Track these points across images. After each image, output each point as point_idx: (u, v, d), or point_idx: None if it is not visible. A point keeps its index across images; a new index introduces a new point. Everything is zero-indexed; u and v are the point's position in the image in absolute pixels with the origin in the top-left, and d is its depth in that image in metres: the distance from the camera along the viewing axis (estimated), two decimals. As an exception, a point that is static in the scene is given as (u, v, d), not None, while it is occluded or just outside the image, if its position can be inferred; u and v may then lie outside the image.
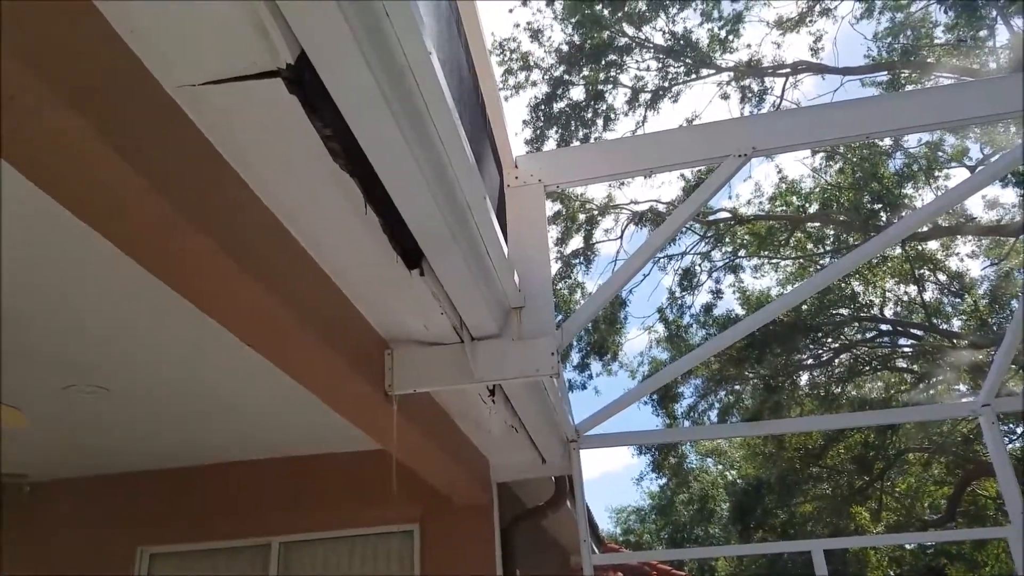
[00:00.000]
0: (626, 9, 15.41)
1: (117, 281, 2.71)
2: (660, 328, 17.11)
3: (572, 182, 3.60)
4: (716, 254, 16.28)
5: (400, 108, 1.88)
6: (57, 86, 1.42)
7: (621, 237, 16.66)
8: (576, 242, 16.87)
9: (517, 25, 16.74)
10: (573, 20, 15.73)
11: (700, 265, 16.15)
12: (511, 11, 16.57)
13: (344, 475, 5.15)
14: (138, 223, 1.84)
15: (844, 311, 15.40)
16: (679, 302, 16.34)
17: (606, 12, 15.50)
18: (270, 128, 1.92)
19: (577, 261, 16.65)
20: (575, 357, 16.68)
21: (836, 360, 15.98)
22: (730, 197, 16.06)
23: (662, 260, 16.42)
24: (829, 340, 15.78)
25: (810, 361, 16.09)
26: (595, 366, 16.76)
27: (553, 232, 16.66)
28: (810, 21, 15.09)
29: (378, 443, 3.46)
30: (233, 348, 2.57)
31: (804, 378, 16.50)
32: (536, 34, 16.23)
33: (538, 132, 16.45)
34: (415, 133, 1.99)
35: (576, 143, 16.38)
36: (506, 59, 16.44)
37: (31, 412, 3.35)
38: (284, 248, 2.35)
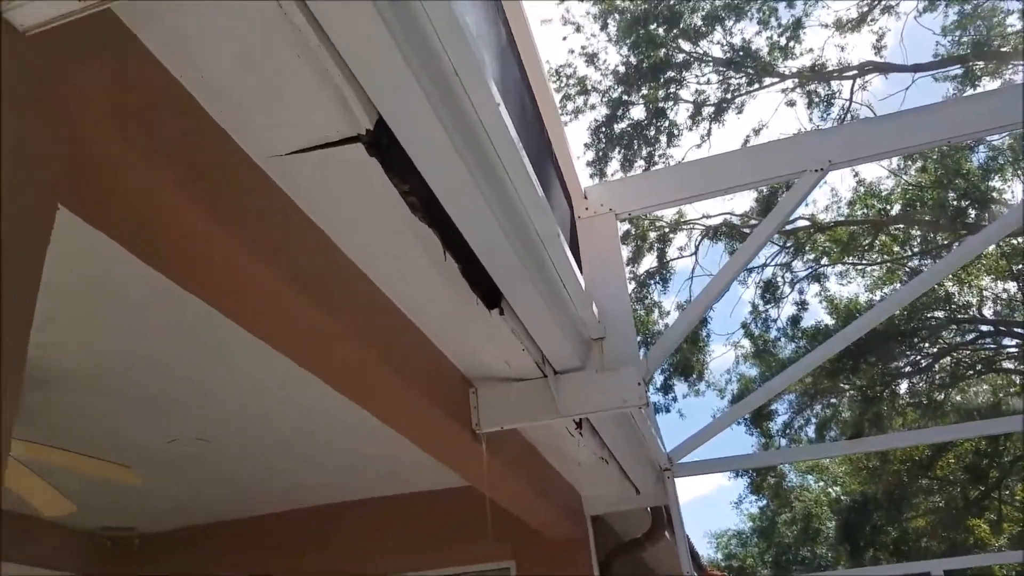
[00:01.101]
0: (682, 26, 15.35)
1: (216, 340, 2.86)
2: (746, 343, 16.70)
3: (643, 208, 3.61)
4: (798, 264, 15.83)
5: (472, 159, 1.95)
6: (167, 172, 1.54)
7: (696, 253, 16.42)
8: (649, 261, 16.72)
9: (572, 51, 16.86)
10: (628, 41, 15.76)
11: (782, 276, 15.73)
12: (565, 38, 16.76)
13: (439, 513, 5.19)
14: (246, 292, 1.97)
15: (940, 313, 14.67)
16: (763, 315, 15.92)
17: (661, 30, 15.48)
18: (352, 189, 2.02)
19: (652, 281, 16.46)
20: (658, 379, 16.41)
21: (936, 365, 15.20)
22: (807, 204, 15.63)
23: (742, 273, 16.06)
24: (927, 345, 15.03)
25: (908, 368, 15.35)
26: (680, 387, 16.45)
27: (624, 252, 16.55)
28: (871, 20, 14.67)
29: (469, 481, 3.50)
30: (327, 395, 2.68)
31: (904, 386, 15.75)
32: (591, 58, 16.33)
33: (600, 154, 16.46)
34: (488, 181, 2.05)
35: (640, 162, 16.33)
36: (563, 85, 16.57)
37: (140, 467, 3.54)
38: (370, 299, 2.44)
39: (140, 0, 1.19)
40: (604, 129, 16.48)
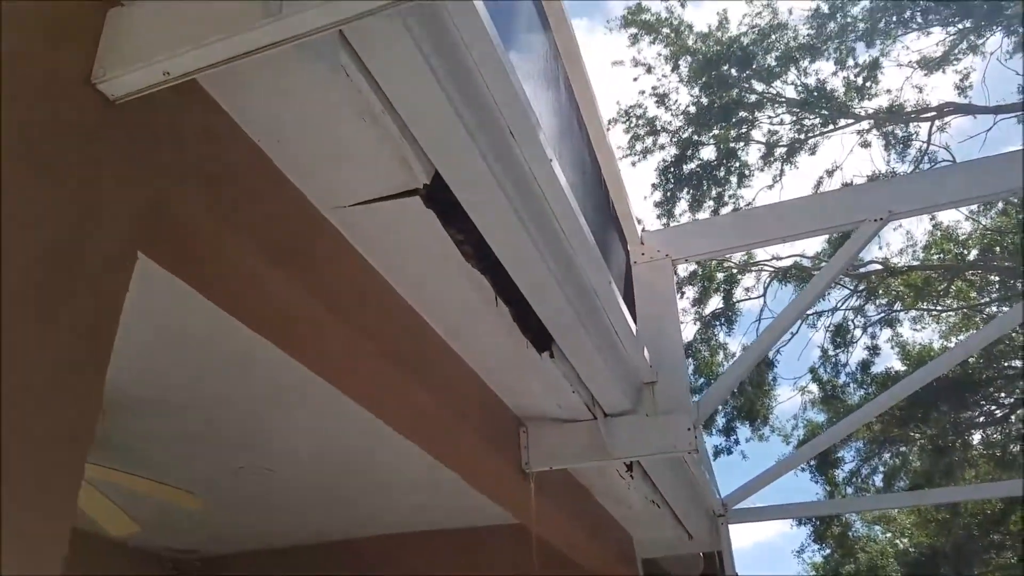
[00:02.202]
0: (755, 66, 15.27)
1: (283, 380, 3.02)
2: (814, 388, 16.20)
3: (700, 256, 3.64)
4: (870, 308, 15.34)
5: (525, 211, 2.05)
6: (242, 226, 1.68)
7: (764, 295, 16.11)
8: (715, 302, 16.49)
9: (642, 92, 16.94)
10: (700, 82, 15.76)
11: (853, 320, 15.26)
12: (635, 79, 16.84)
13: (493, 549, 5.21)
14: (320, 344, 2.11)
15: (1017, 363, 13.95)
16: (832, 360, 15.44)
17: (733, 71, 15.43)
18: (410, 237, 2.13)
19: (717, 322, 16.21)
20: (720, 421, 16.06)
21: (1012, 416, 14.41)
22: (880, 247, 15.16)
23: (811, 316, 15.66)
24: (1002, 395, 14.29)
25: (982, 419, 14.60)
26: (743, 431, 16.05)
27: (690, 292, 16.38)
28: (955, 59, 14.29)
29: (518, 518, 3.54)
30: (385, 433, 2.78)
31: (977, 437, 14.97)
32: (662, 98, 16.37)
33: (668, 194, 16.40)
34: (540, 230, 2.15)
35: (709, 203, 16.20)
36: (632, 126, 16.65)
37: (207, 492, 3.71)
38: (427, 341, 2.55)
39: (221, 69, 1.32)
40: (672, 170, 16.44)
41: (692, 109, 16.25)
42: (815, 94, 15.06)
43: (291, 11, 1.26)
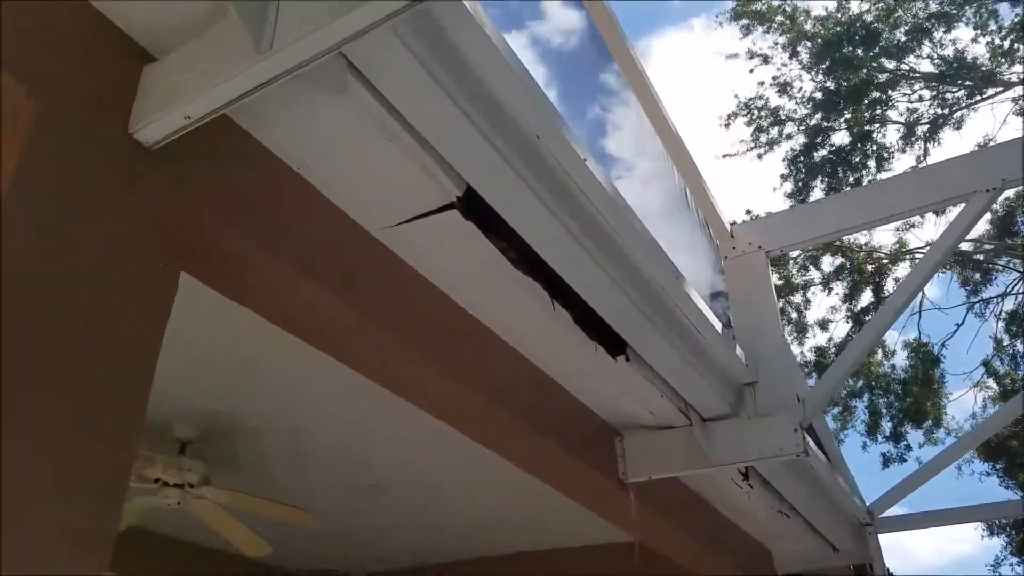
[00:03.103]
0: (882, 43, 14.29)
1: (374, 401, 3.15)
2: (992, 384, 14.66)
3: (795, 244, 3.44)
4: (1049, 290, 13.72)
5: (566, 213, 2.05)
6: (294, 253, 1.80)
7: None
8: (868, 297, 15.36)
9: (762, 83, 16.25)
10: (823, 66, 14.93)
11: (1030, 305, 13.71)
12: (752, 71, 16.18)
13: (613, 565, 5.10)
14: (391, 369, 2.24)
15: None
16: (1010, 351, 13.93)
17: (859, 51, 14.51)
18: (462, 251, 2.16)
19: (870, 318, 15.08)
20: (886, 427, 14.87)
21: None
22: (1053, 219, 13.53)
23: (978, 305, 14.24)
24: None
25: None
26: (914, 436, 14.75)
27: (839, 288, 15.39)
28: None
29: (622, 529, 3.46)
30: (478, 452, 2.84)
31: None
32: (784, 87, 15.64)
33: (800, 184, 15.57)
34: (586, 232, 2.13)
35: (847, 189, 15.22)
36: (754, 118, 15.98)
37: (323, 512, 3.93)
38: (498, 354, 2.58)
39: (245, 102, 1.43)
40: (802, 158, 15.63)
41: (818, 95, 15.40)
42: (955, 65, 13.84)
43: (281, 45, 1.34)
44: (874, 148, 15.06)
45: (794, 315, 15.76)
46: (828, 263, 15.50)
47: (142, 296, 1.45)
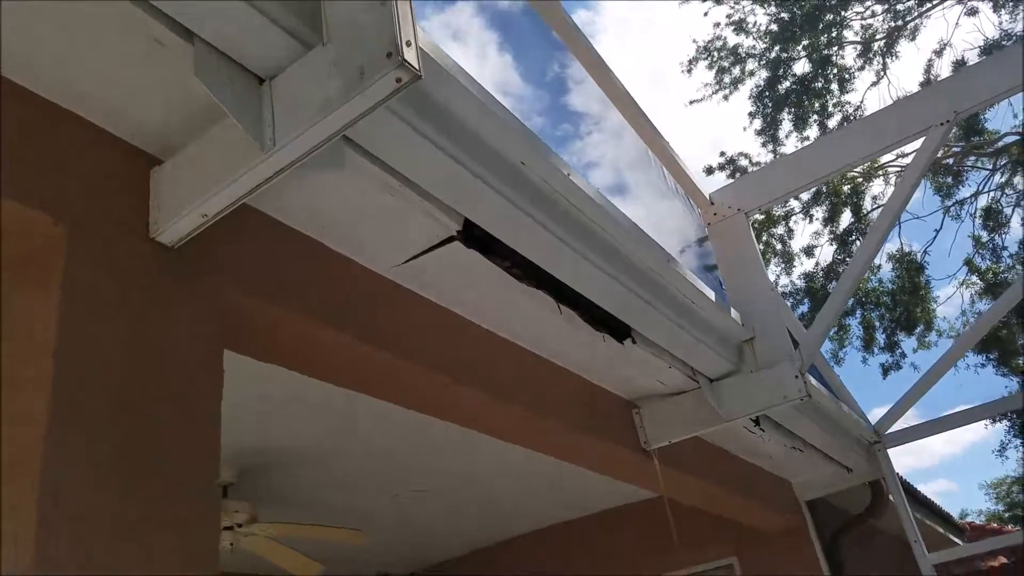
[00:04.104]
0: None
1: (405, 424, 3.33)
2: (976, 280, 15.00)
3: (772, 202, 3.60)
4: (1019, 180, 13.99)
5: (557, 225, 2.21)
6: (314, 306, 1.94)
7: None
8: (848, 218, 15.59)
9: (717, 24, 16.27)
10: (774, -1, 14.98)
11: (1002, 200, 13.98)
12: (706, 14, 16.21)
13: (644, 523, 5.35)
14: (418, 393, 2.40)
15: None
16: (988, 246, 14.24)
17: (806, -24, 14.55)
18: (468, 275, 2.30)
19: (853, 238, 15.36)
20: (880, 339, 15.21)
21: None
22: (1016, 115, 13.72)
23: (952, 208, 14.52)
24: None
25: None
26: (908, 343, 15.11)
27: (819, 213, 15.62)
28: None
29: (656, 492, 3.67)
30: (504, 447, 3.03)
31: None
32: (739, 25, 15.68)
33: (768, 119, 15.70)
34: (577, 237, 2.29)
35: (814, 116, 15.37)
36: (715, 60, 16.03)
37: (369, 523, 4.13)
38: (520, 361, 2.75)
39: (263, 190, 1.56)
40: (768, 93, 15.73)
41: (774, 27, 15.46)
42: (900, -27, 13.92)
43: (282, 142, 1.46)
44: (835, 72, 15.18)
45: (779, 246, 16.03)
46: (806, 192, 15.72)
47: (199, 376, 1.60)
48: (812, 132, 15.47)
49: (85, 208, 1.51)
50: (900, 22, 14.52)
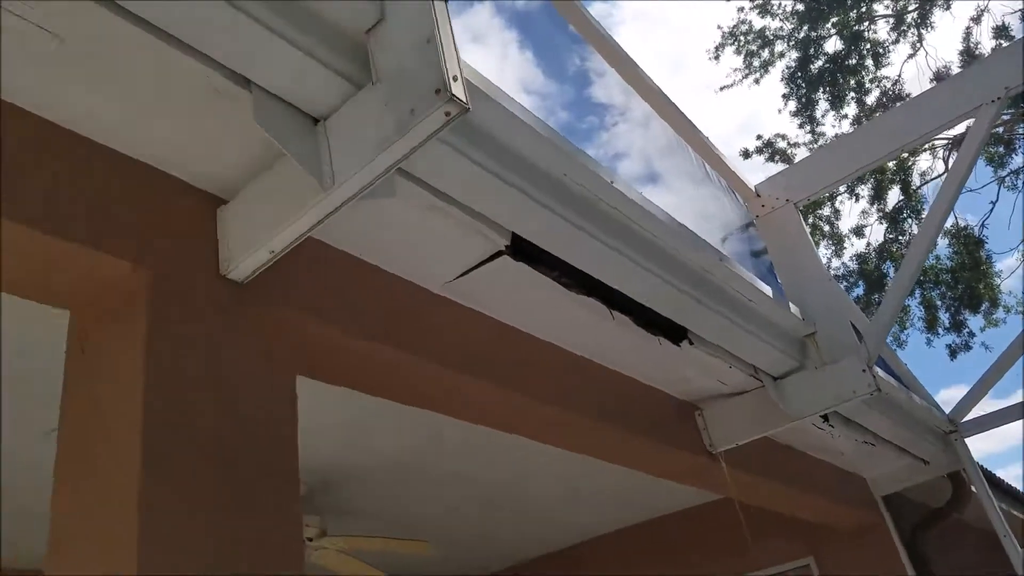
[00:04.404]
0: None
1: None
2: (1042, 250, 14.37)
3: (820, 190, 3.53)
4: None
5: (603, 232, 2.21)
6: (377, 327, 1.98)
7: (947, 171, 14.61)
8: (896, 195, 15.13)
9: (741, 8, 16.00)
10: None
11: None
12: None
13: (720, 523, 5.25)
14: (476, 407, 2.42)
15: None
16: (1050, 212, 13.66)
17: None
18: (519, 289, 2.32)
19: (902, 216, 14.90)
20: (944, 319, 14.69)
21: None
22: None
23: (1008, 178, 14.01)
24: None
25: None
26: (974, 321, 14.56)
27: (864, 191, 15.19)
28: None
29: (727, 495, 3.61)
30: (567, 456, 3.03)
31: None
32: (763, 7, 15.42)
33: (803, 100, 15.36)
34: (625, 242, 2.28)
35: (851, 94, 15.01)
36: (742, 44, 15.77)
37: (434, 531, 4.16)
38: (579, 370, 2.75)
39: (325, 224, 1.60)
40: (800, 73, 15.42)
41: (800, 7, 15.17)
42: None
43: (341, 180, 1.49)
44: (868, 47, 14.83)
45: (826, 228, 15.62)
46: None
47: (275, 402, 1.65)
48: (850, 110, 15.11)
49: (164, 252, 1.58)
50: (934, -8, 14.14)
